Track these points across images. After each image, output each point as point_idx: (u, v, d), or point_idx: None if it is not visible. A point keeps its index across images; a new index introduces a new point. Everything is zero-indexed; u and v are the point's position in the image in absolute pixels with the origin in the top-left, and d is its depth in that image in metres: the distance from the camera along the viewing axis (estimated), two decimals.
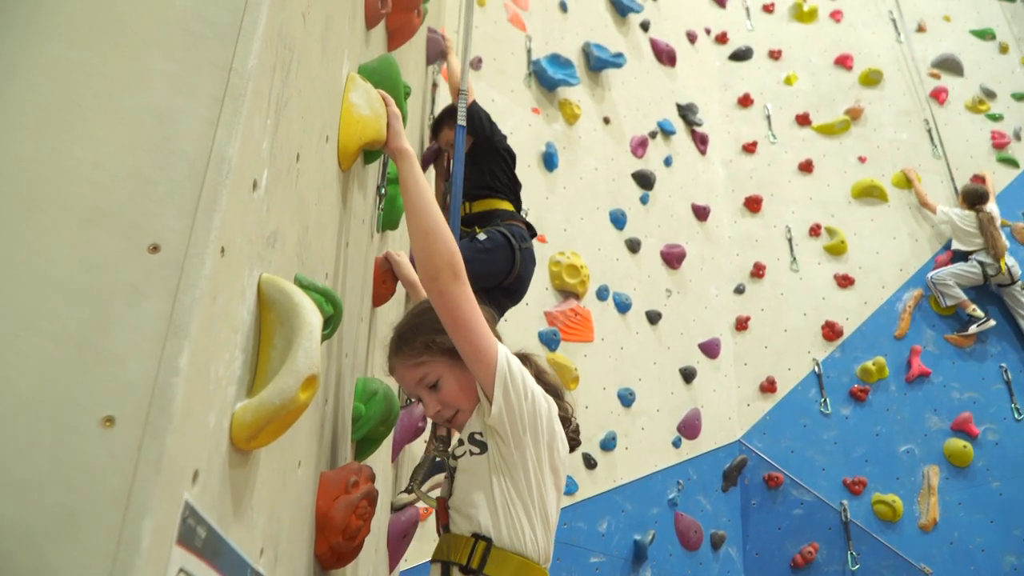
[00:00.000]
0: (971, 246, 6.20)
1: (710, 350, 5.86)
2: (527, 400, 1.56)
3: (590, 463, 4.72)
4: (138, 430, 0.71)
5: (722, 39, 7.63)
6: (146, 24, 0.88)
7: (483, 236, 3.35)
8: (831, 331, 6.08)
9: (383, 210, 2.10)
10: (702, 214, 6.39)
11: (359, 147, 1.54)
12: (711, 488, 5.42)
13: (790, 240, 6.56)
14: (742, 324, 6.16)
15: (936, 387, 5.85)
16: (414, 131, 3.50)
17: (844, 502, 5.40)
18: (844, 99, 7.30)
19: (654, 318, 5.55)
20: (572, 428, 1.76)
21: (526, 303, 4.51)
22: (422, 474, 1.78)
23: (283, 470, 1.14)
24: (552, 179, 5.31)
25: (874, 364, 5.88)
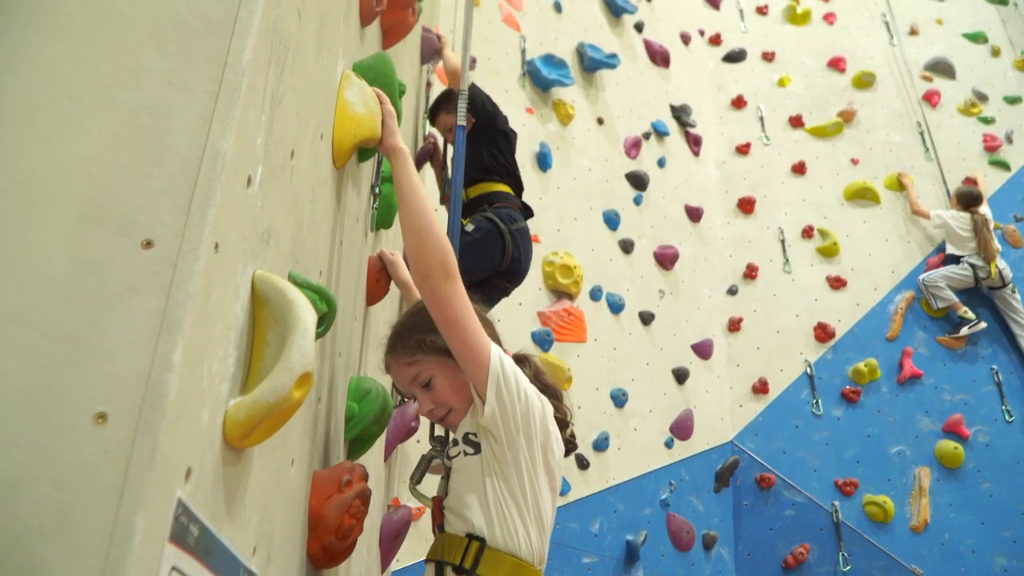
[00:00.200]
0: (965, 250, 6.21)
1: (703, 351, 5.87)
2: (520, 400, 1.56)
3: (583, 463, 4.72)
4: (131, 426, 0.70)
5: (716, 41, 7.65)
6: (140, 18, 0.88)
7: (470, 227, 3.32)
8: (823, 332, 6.10)
9: (377, 209, 2.10)
10: (695, 215, 6.40)
11: (353, 145, 1.53)
12: (703, 489, 5.43)
13: (783, 241, 6.58)
14: (735, 325, 6.17)
15: (927, 389, 5.87)
16: (408, 130, 3.49)
17: (835, 503, 5.42)
18: (837, 101, 7.32)
19: (647, 319, 5.55)
20: (568, 433, 1.76)
21: (519, 303, 4.51)
22: (419, 473, 1.78)
23: (276, 468, 1.14)
24: (546, 179, 5.31)
25: (866, 366, 5.90)
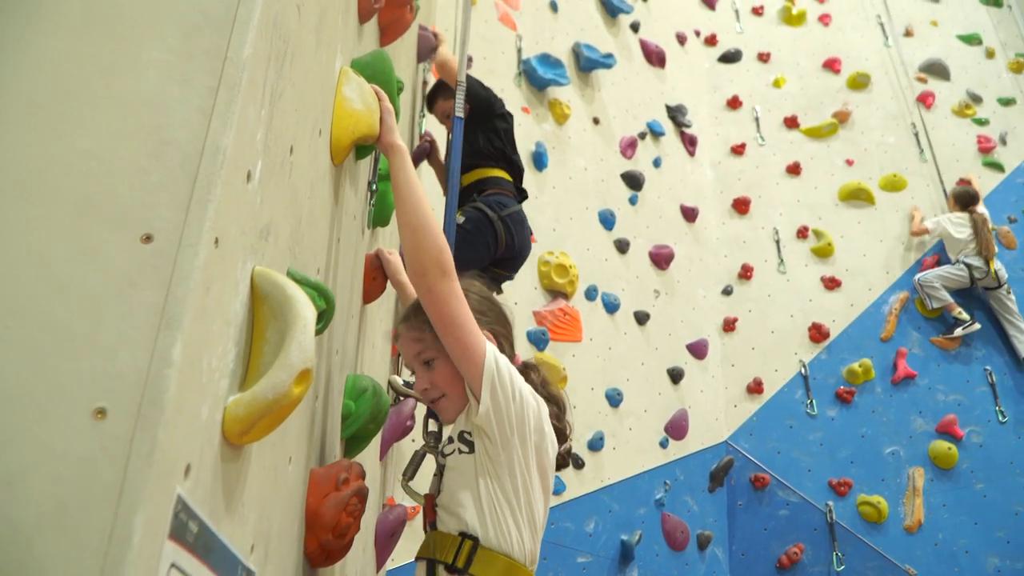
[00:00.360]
0: (963, 253, 6.21)
1: (698, 351, 5.87)
2: (515, 400, 1.55)
3: (577, 463, 4.72)
4: (130, 422, 0.70)
5: (711, 41, 7.66)
6: (140, 12, 0.87)
7: (461, 219, 3.30)
8: (818, 333, 6.11)
9: (374, 206, 2.09)
10: (690, 215, 6.41)
11: (351, 141, 1.52)
12: (698, 488, 5.43)
13: (777, 242, 6.59)
14: (729, 325, 6.18)
15: (921, 389, 5.88)
16: (404, 128, 3.48)
17: (829, 503, 5.43)
18: (832, 102, 7.33)
19: (642, 318, 5.56)
20: (564, 448, 1.74)
21: (515, 302, 4.51)
22: (411, 469, 1.77)
23: (274, 466, 1.13)
24: (542, 179, 5.30)
25: (860, 366, 5.91)
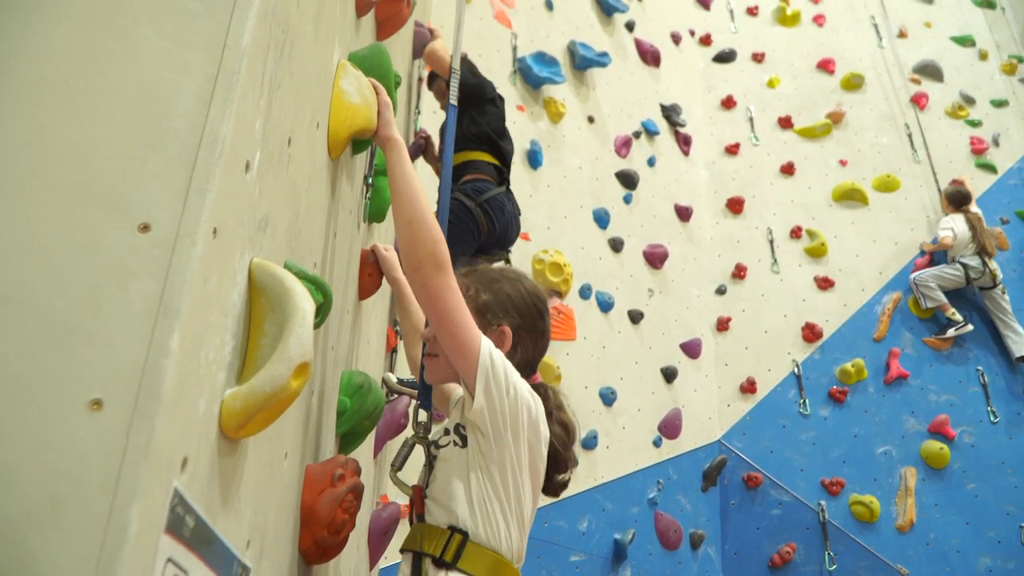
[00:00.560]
0: (964, 253, 6.21)
1: (691, 350, 5.88)
2: (509, 396, 1.53)
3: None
4: (126, 414, 0.69)
5: (706, 41, 7.66)
6: (138, 0, 0.86)
7: None
8: (811, 333, 6.12)
9: (370, 200, 2.08)
10: (684, 215, 6.41)
11: (349, 135, 1.51)
12: (691, 488, 5.43)
13: (771, 242, 6.60)
14: (723, 325, 6.18)
15: (914, 389, 5.90)
16: (400, 125, 3.47)
17: (822, 502, 5.44)
18: (826, 103, 7.35)
19: (636, 317, 5.55)
20: (562, 479, 1.73)
21: None
22: (400, 460, 1.74)
23: (270, 461, 1.12)
24: (536, 177, 5.30)
25: (853, 366, 5.93)
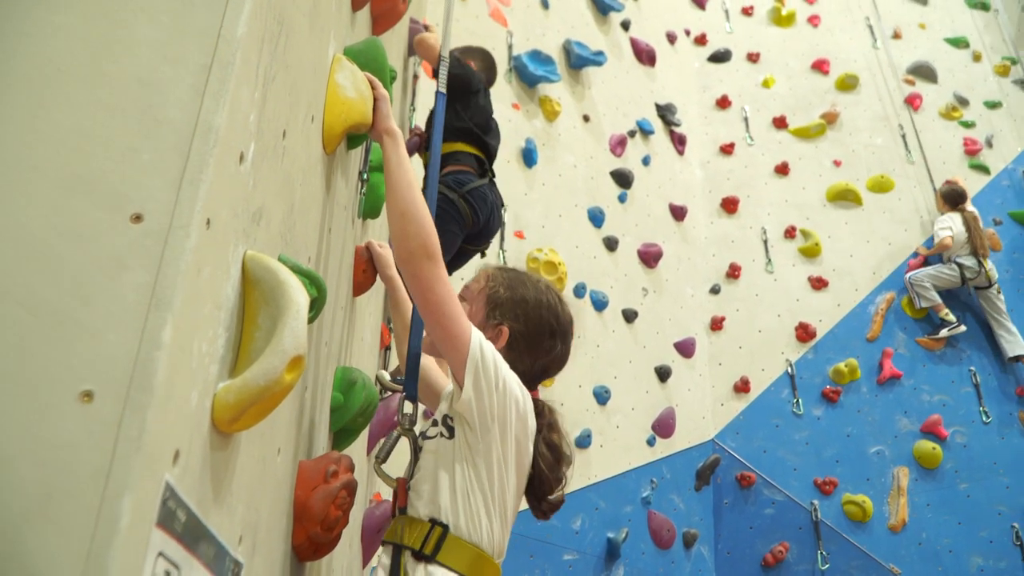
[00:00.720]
0: (960, 253, 6.22)
1: (685, 349, 5.88)
2: (497, 389, 1.53)
3: None
4: (118, 406, 0.68)
5: (701, 40, 7.66)
6: None
7: None
8: (804, 332, 6.13)
9: (364, 196, 2.07)
10: (679, 214, 6.41)
11: (344, 129, 1.50)
12: (684, 487, 5.44)
13: (765, 242, 6.61)
14: (717, 324, 6.19)
15: (907, 389, 5.91)
16: (395, 120, 3.45)
17: (815, 502, 5.45)
18: (820, 103, 7.36)
19: (630, 316, 5.55)
20: (554, 498, 1.69)
21: None
22: (385, 451, 1.72)
23: (263, 456, 1.11)
24: (531, 175, 5.29)
25: (846, 366, 5.94)
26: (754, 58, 7.62)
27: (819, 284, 6.37)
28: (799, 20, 7.91)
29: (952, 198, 6.45)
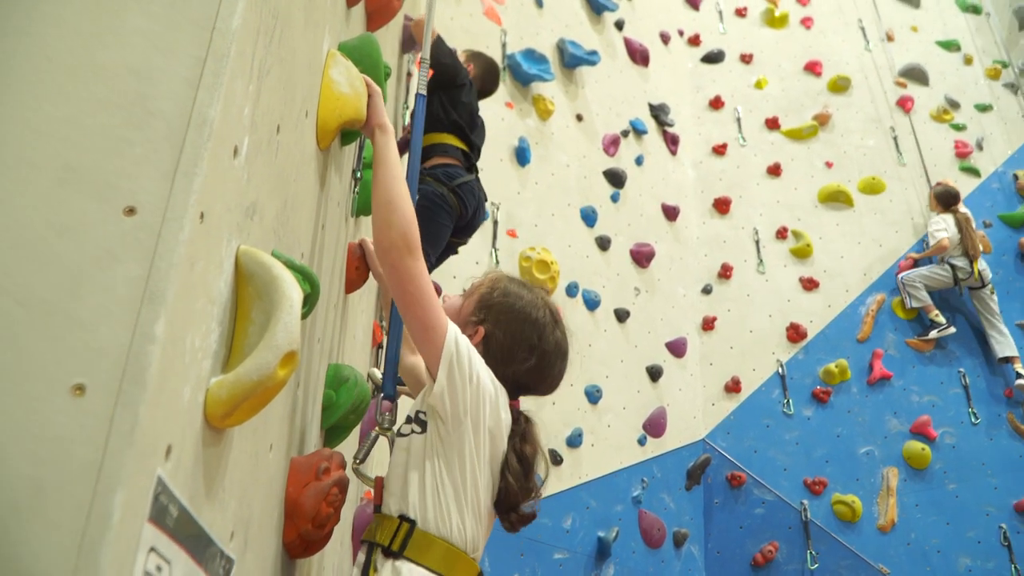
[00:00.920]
0: (953, 253, 6.24)
1: (677, 349, 5.89)
2: (471, 384, 1.52)
3: (556, 459, 4.71)
4: (110, 399, 0.67)
5: (695, 41, 7.68)
6: None
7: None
8: (795, 333, 6.15)
9: (358, 194, 2.06)
10: (671, 214, 6.42)
11: (338, 125, 1.50)
12: (675, 486, 5.45)
13: (757, 242, 6.62)
14: (709, 324, 6.20)
15: (896, 390, 5.94)
16: (388, 117, 3.44)
17: (804, 502, 5.46)
18: (813, 104, 7.38)
19: (622, 316, 5.56)
20: (526, 507, 1.63)
21: None
22: (363, 452, 1.72)
23: (255, 452, 1.10)
24: (524, 174, 5.29)
25: (836, 366, 5.96)
26: (747, 59, 7.64)
27: (810, 285, 6.39)
28: (792, 22, 7.93)
29: (946, 199, 6.47)
